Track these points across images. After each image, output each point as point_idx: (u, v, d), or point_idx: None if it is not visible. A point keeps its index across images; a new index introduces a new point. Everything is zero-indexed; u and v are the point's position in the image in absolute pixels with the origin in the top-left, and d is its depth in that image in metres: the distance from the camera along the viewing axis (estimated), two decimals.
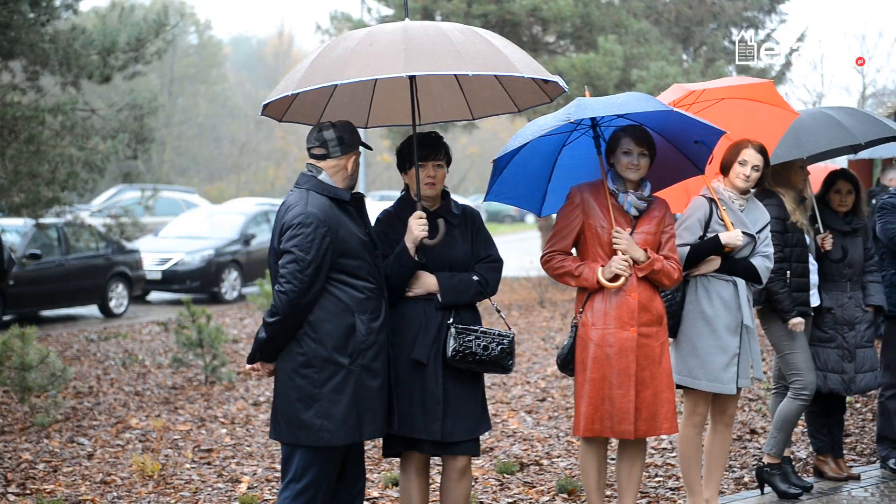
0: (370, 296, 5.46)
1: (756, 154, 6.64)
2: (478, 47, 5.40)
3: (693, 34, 26.74)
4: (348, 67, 5.26)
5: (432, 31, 5.43)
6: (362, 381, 5.40)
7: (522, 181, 6.41)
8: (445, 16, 20.22)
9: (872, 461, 8.32)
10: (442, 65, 5.28)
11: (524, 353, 13.99)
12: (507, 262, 6.72)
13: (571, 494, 7.49)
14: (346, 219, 5.46)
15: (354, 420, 5.39)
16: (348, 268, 5.40)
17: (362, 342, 5.39)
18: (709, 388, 6.54)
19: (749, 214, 6.69)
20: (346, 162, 5.54)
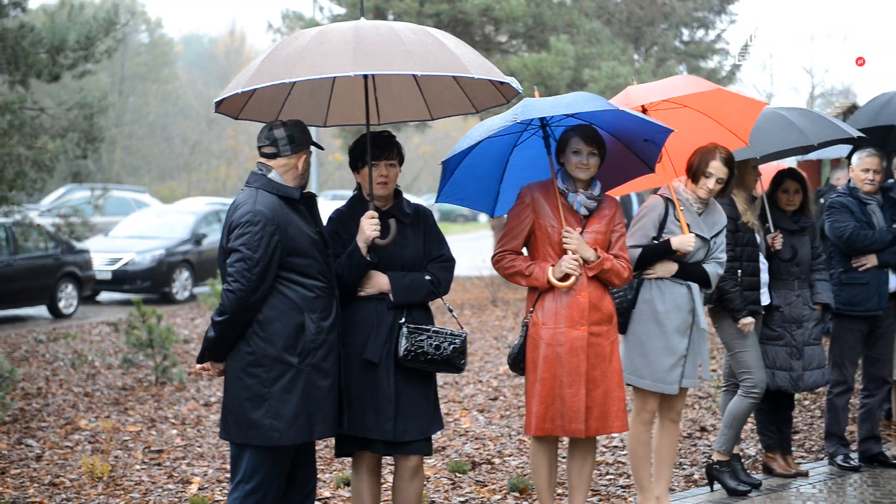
0: (320, 295, 5.44)
1: (722, 167, 6.65)
2: (429, 48, 5.40)
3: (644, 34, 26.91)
4: (298, 66, 5.24)
5: (384, 31, 5.42)
6: (312, 381, 5.38)
7: (474, 182, 6.42)
8: (398, 15, 20.21)
9: (820, 458, 8.40)
10: (392, 64, 5.27)
11: (476, 353, 14.01)
12: (460, 262, 6.72)
13: (523, 493, 7.51)
14: (296, 217, 5.44)
15: (304, 420, 5.36)
16: (298, 266, 5.38)
17: (312, 341, 5.37)
18: (652, 387, 6.58)
19: (707, 218, 6.73)
20: (296, 161, 5.51)
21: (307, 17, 22.90)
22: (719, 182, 6.66)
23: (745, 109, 7.06)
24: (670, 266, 6.58)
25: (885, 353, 8.12)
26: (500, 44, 23.14)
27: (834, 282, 7.87)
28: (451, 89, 6.19)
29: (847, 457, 8.02)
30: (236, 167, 53.68)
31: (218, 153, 54.65)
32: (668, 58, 26.58)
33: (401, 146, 5.98)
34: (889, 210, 8.01)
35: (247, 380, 5.35)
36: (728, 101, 7.04)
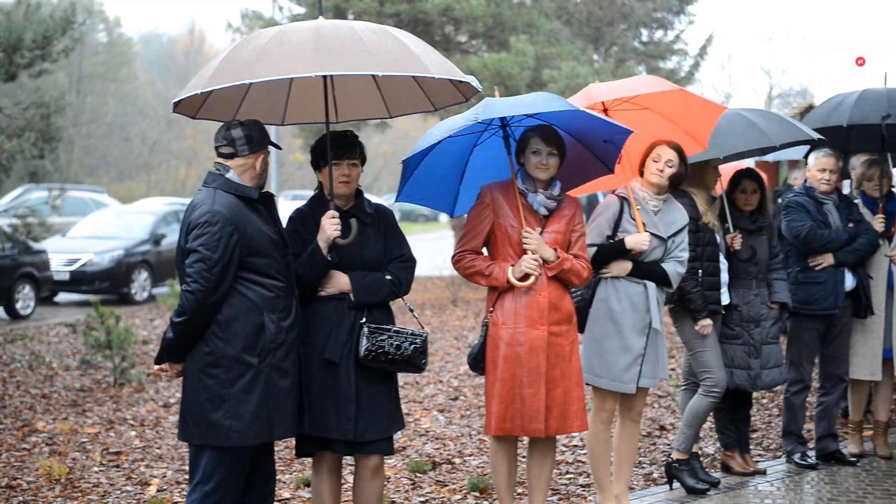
0: (280, 294, 5.42)
1: (670, 150, 6.72)
2: (389, 47, 5.39)
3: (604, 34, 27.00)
4: (258, 66, 5.22)
5: (344, 31, 5.41)
6: (272, 381, 5.36)
7: (434, 182, 6.42)
8: (358, 14, 20.18)
9: (778, 456, 8.46)
10: (352, 65, 5.26)
11: (437, 352, 14.01)
12: (421, 262, 6.73)
13: (483, 492, 7.52)
14: (255, 217, 5.42)
15: (264, 420, 5.34)
16: (257, 266, 5.36)
17: (271, 341, 5.35)
18: (609, 386, 6.61)
19: (665, 216, 6.76)
20: (254, 161, 5.49)
21: (267, 17, 22.83)
22: (669, 165, 6.69)
23: (705, 113, 7.11)
24: (625, 265, 6.61)
25: (841, 351, 8.19)
26: (460, 44, 23.16)
27: (791, 281, 7.92)
28: (409, 87, 6.19)
29: (804, 455, 8.09)
30: (196, 167, 53.42)
31: (177, 153, 54.37)
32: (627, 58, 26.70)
33: (363, 146, 5.97)
34: (845, 209, 8.08)
35: (206, 380, 5.32)
36: (689, 103, 7.09)
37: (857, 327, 8.23)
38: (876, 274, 8.20)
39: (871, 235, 8.03)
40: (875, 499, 7.28)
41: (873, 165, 8.36)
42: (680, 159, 6.75)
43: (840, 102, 8.41)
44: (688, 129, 7.10)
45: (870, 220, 8.13)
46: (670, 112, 7.08)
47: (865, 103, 8.21)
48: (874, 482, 7.68)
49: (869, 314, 8.15)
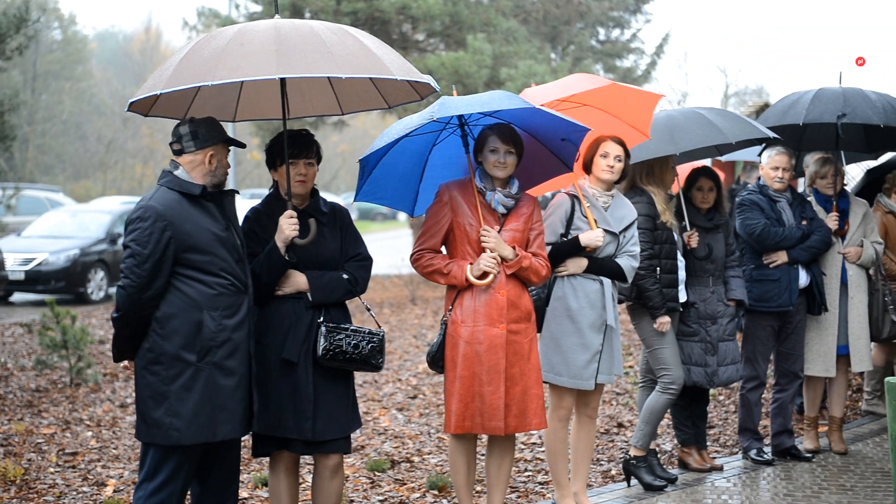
0: (223, 292, 5.37)
1: (616, 145, 6.75)
2: (350, 49, 5.38)
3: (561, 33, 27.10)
4: (219, 68, 5.19)
5: (304, 32, 5.39)
6: (213, 380, 5.32)
7: (394, 181, 6.42)
8: (314, 13, 20.13)
9: (735, 452, 8.52)
10: (315, 67, 5.25)
11: (396, 351, 14.01)
12: (379, 260, 6.73)
13: (442, 491, 7.53)
14: (197, 213, 5.38)
15: (206, 419, 5.31)
16: (196, 263, 5.32)
17: (211, 339, 5.31)
18: (570, 384, 6.64)
19: (614, 212, 6.79)
20: (202, 157, 5.46)
21: (223, 15, 22.73)
22: (618, 160, 6.72)
23: (642, 103, 7.18)
24: (580, 262, 6.64)
25: (796, 348, 8.25)
26: (417, 42, 23.17)
27: (746, 278, 7.97)
28: (363, 85, 6.18)
29: (760, 451, 8.15)
30: (152, 166, 53.06)
31: (134, 152, 53.98)
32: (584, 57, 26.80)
33: (319, 145, 5.97)
34: (798, 207, 8.14)
35: (148, 377, 5.32)
36: (625, 96, 7.15)
37: (811, 324, 8.30)
38: (829, 271, 8.27)
39: (825, 233, 8.10)
40: (830, 494, 7.35)
41: (827, 163, 8.43)
42: (625, 154, 6.79)
43: (796, 101, 8.47)
44: (629, 120, 7.15)
45: (823, 218, 8.20)
46: (609, 106, 7.12)
47: (821, 102, 8.26)
48: (829, 478, 7.75)
49: (823, 311, 8.21)
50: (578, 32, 27.85)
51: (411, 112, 18.80)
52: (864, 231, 8.43)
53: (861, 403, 9.97)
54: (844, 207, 8.38)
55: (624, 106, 7.14)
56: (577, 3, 26.96)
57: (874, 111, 8.15)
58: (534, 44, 22.83)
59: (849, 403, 10.16)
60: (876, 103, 8.23)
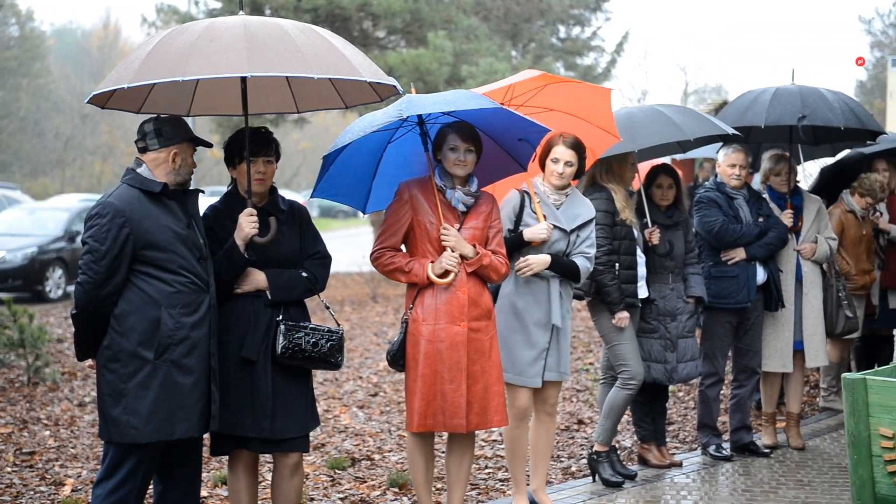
0: (182, 290, 5.35)
1: (566, 150, 6.72)
2: (320, 48, 5.37)
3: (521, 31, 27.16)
4: (189, 63, 5.14)
5: (274, 30, 5.36)
6: (171, 378, 5.30)
7: (349, 178, 6.40)
8: (275, 10, 20.07)
9: (694, 448, 8.57)
10: (286, 66, 5.22)
11: (356, 349, 13.99)
12: (340, 258, 6.72)
13: (402, 488, 7.53)
14: (157, 211, 5.36)
15: (163, 417, 5.28)
16: (155, 260, 5.31)
17: (169, 337, 5.29)
18: (515, 381, 6.65)
19: (567, 210, 6.78)
20: (166, 155, 5.45)
21: (182, 12, 22.61)
22: (568, 165, 6.71)
23: (598, 101, 7.18)
24: (544, 258, 6.64)
25: (754, 344, 8.31)
26: (378, 39, 23.15)
27: (705, 275, 8.02)
28: (321, 84, 6.15)
29: (719, 447, 8.20)
30: (112, 163, 52.76)
31: (92, 149, 53.65)
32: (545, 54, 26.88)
33: (278, 142, 5.95)
34: (755, 204, 8.20)
35: (107, 375, 5.30)
36: (582, 94, 7.15)
37: (767, 320, 8.35)
38: (785, 267, 8.33)
39: (781, 230, 8.16)
40: (788, 489, 7.40)
41: (781, 161, 8.49)
42: (578, 155, 6.75)
43: (754, 100, 8.49)
44: (597, 122, 7.16)
45: (778, 215, 8.26)
46: (574, 108, 7.13)
47: (780, 103, 8.29)
48: (787, 473, 7.81)
49: (780, 307, 8.27)
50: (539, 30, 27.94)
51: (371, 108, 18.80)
52: (818, 227, 8.51)
53: (818, 399, 10.06)
54: (798, 204, 8.46)
55: (586, 106, 7.14)
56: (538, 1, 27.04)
57: (833, 113, 8.20)
58: (495, 41, 22.87)
59: (806, 399, 10.24)
60: (833, 104, 8.28)
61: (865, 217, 9.25)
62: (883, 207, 9.71)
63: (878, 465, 6.04)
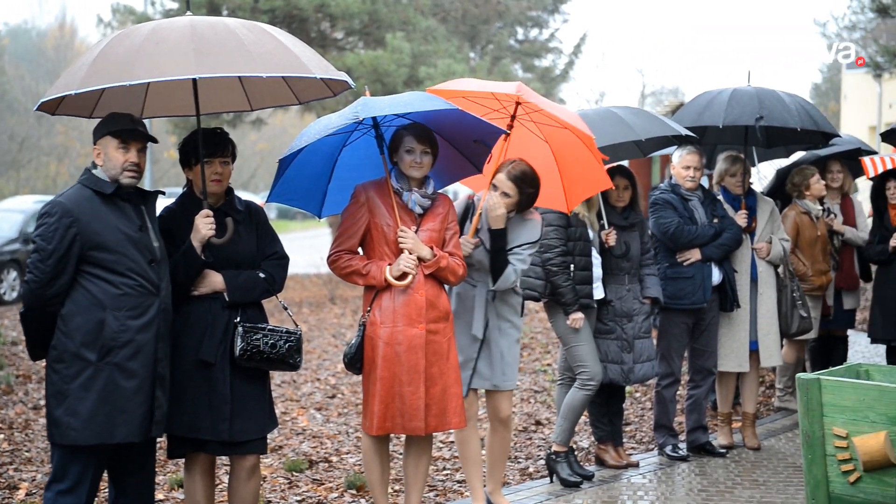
0: (129, 293, 5.30)
1: (506, 181, 6.56)
2: (268, 47, 5.34)
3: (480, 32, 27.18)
4: (136, 67, 5.11)
5: (221, 30, 5.34)
6: (113, 380, 5.25)
7: (305, 181, 6.38)
8: (232, 10, 20.00)
9: (650, 448, 8.62)
10: (234, 66, 5.20)
11: (314, 350, 13.96)
12: (299, 260, 6.70)
13: (360, 490, 7.52)
14: (109, 212, 5.33)
15: (103, 420, 5.23)
16: (102, 262, 5.26)
17: (113, 339, 5.24)
18: None
19: (513, 229, 6.63)
20: (97, 152, 5.42)
21: (139, 11, 22.47)
22: (506, 195, 6.55)
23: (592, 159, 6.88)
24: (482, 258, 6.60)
25: (709, 344, 8.36)
26: (336, 40, 23.11)
27: (660, 276, 8.06)
28: (273, 81, 6.12)
29: (675, 447, 8.25)
30: (67, 164, 52.29)
31: (48, 150, 53.13)
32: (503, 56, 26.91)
33: (234, 143, 5.92)
34: (709, 205, 8.25)
35: (52, 376, 5.27)
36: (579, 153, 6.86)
37: (723, 321, 8.41)
38: (740, 268, 8.39)
39: (736, 230, 8.21)
40: (744, 489, 7.46)
41: (737, 162, 8.55)
42: (518, 189, 6.57)
43: (711, 101, 8.56)
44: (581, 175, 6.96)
45: (732, 216, 8.32)
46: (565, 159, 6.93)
47: (737, 104, 8.36)
48: (743, 473, 7.87)
49: (736, 307, 8.33)
50: (497, 32, 27.97)
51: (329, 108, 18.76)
52: (772, 228, 8.58)
53: (774, 400, 10.14)
54: (752, 205, 8.52)
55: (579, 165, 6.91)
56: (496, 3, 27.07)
57: (790, 114, 8.28)
58: (453, 43, 22.89)
59: (762, 400, 10.32)
60: (790, 106, 8.37)
61: (820, 218, 9.33)
62: (837, 209, 9.81)
63: (832, 465, 6.10)
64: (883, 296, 9.21)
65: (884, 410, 5.89)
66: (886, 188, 9.40)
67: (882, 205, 9.43)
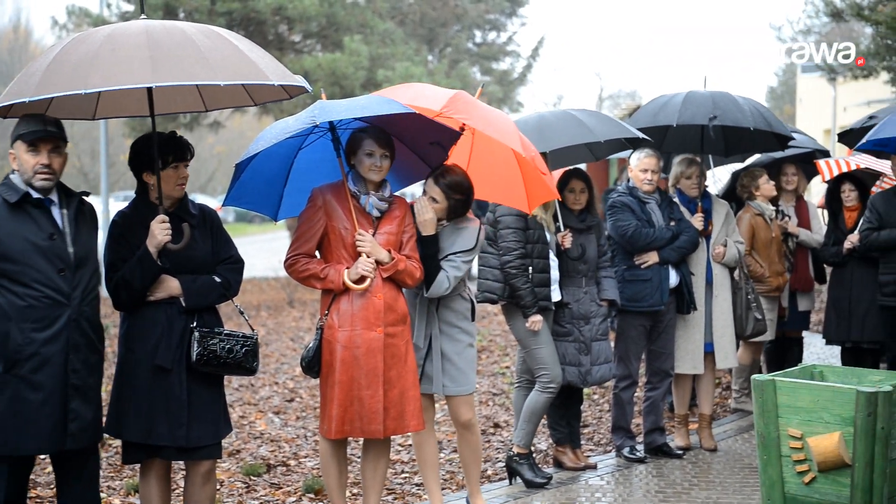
0: (34, 304, 5.21)
1: (434, 187, 6.50)
2: (225, 53, 5.30)
3: (438, 35, 27.23)
4: (92, 75, 5.04)
5: (177, 36, 5.28)
6: (19, 393, 5.18)
7: (261, 185, 6.35)
8: (189, 13, 19.89)
9: (608, 450, 8.65)
10: (191, 74, 5.15)
11: (273, 354, 13.92)
12: (257, 263, 6.68)
13: (318, 494, 7.50)
14: (16, 221, 5.25)
15: (10, 432, 5.17)
16: (7, 272, 5.19)
17: (17, 352, 5.16)
18: None
19: (448, 237, 6.61)
20: (11, 159, 5.38)
21: (94, 14, 22.29)
22: (434, 201, 6.50)
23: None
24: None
25: (667, 346, 8.40)
26: (293, 43, 23.05)
27: (618, 279, 8.09)
28: None
29: (633, 448, 8.28)
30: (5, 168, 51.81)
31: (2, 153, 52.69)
32: (461, 59, 26.95)
33: (192, 147, 5.90)
34: (667, 208, 8.29)
35: None
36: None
37: (679, 323, 8.45)
38: (696, 270, 8.44)
39: (693, 233, 8.26)
40: (700, 490, 7.50)
41: (693, 164, 8.60)
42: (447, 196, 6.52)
43: (666, 103, 8.63)
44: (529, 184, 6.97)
45: (689, 219, 8.37)
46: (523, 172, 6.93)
47: (692, 105, 8.44)
48: (699, 474, 7.92)
49: (693, 310, 8.37)
50: (455, 35, 28.02)
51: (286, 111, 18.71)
52: (727, 231, 8.64)
53: (730, 401, 10.20)
54: (707, 207, 8.58)
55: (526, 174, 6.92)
56: (454, 6, 27.12)
57: (743, 114, 8.37)
58: (411, 45, 22.90)
59: (718, 401, 10.39)
60: (744, 107, 8.46)
61: (773, 219, 9.41)
62: (791, 211, 9.89)
63: (788, 466, 6.15)
64: (837, 297, 9.30)
65: (838, 411, 5.95)
66: (841, 191, 9.50)
67: (837, 207, 9.53)
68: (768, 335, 9.30)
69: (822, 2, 18.50)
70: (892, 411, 5.94)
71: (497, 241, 7.46)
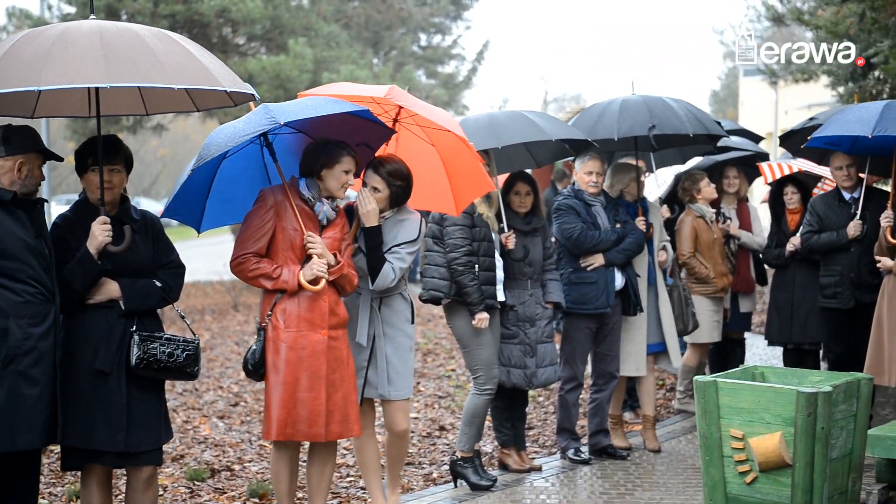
0: (30, 300, 5.27)
1: (374, 175, 6.51)
2: (178, 57, 5.29)
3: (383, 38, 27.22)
4: (44, 72, 4.99)
5: (130, 38, 5.25)
6: (17, 388, 5.21)
7: (188, 195, 6.31)
8: (131, 15, 19.74)
9: (553, 452, 8.67)
10: (144, 76, 5.12)
11: (217, 358, 13.84)
12: (201, 266, 6.64)
13: (263, 498, 7.46)
14: (8, 220, 5.28)
15: (7, 428, 5.19)
16: (5, 270, 5.22)
17: (17, 347, 5.20)
18: None
19: (391, 230, 6.60)
20: (12, 164, 5.36)
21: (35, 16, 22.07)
22: (375, 191, 6.51)
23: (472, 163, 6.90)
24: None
25: (612, 349, 8.42)
26: (237, 46, 22.94)
27: (564, 281, 8.10)
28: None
29: (578, 450, 8.30)
30: None
31: None
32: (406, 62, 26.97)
33: (129, 151, 5.85)
34: (612, 211, 8.33)
35: None
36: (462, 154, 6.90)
37: (622, 325, 8.49)
38: (640, 272, 8.49)
39: (638, 235, 8.28)
40: (644, 491, 7.54)
41: (630, 170, 8.65)
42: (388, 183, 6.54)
43: (601, 113, 8.55)
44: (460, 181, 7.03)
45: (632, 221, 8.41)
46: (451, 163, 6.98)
47: (629, 115, 8.39)
48: (643, 475, 7.96)
49: (638, 311, 8.41)
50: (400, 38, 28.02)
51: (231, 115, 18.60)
52: (662, 233, 8.74)
53: (674, 402, 10.26)
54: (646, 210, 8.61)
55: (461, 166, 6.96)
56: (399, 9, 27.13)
57: (679, 120, 8.36)
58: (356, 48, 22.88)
59: (662, 402, 10.45)
60: (679, 111, 8.44)
61: (714, 221, 9.49)
62: (732, 214, 9.98)
63: (730, 466, 6.20)
64: (780, 299, 9.39)
65: (779, 412, 6.01)
66: (784, 193, 9.59)
67: (780, 210, 9.62)
68: (714, 336, 9.37)
69: (764, 6, 18.69)
70: (832, 412, 6.01)
71: (443, 239, 7.46)
